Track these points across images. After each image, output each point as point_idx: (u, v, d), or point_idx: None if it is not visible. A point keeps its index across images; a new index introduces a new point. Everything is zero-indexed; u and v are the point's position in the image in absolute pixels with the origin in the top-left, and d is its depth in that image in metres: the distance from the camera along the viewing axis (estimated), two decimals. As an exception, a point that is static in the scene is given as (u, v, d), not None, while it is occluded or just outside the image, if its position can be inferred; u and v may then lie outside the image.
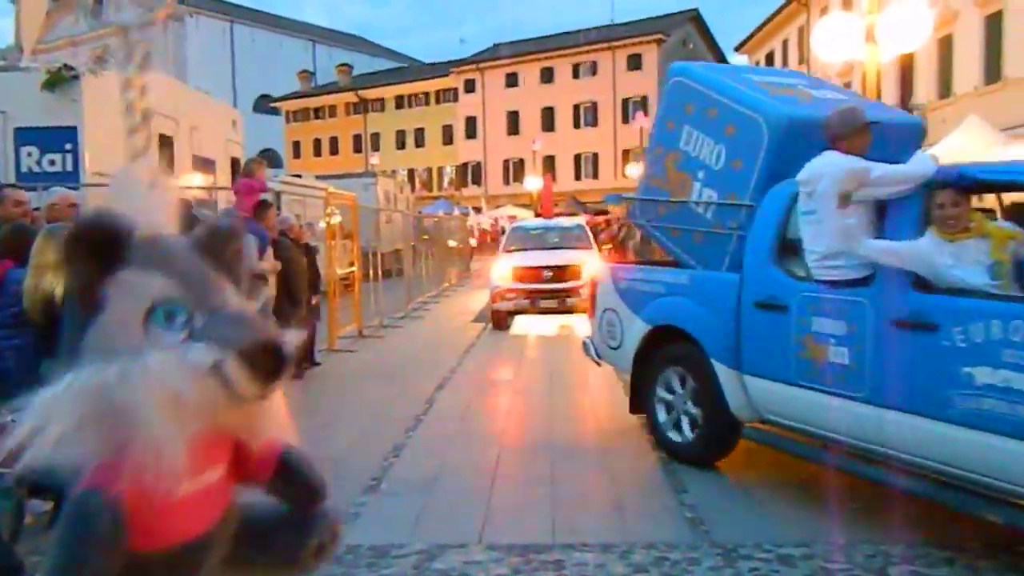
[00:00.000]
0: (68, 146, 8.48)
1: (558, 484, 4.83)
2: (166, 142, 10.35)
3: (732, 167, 5.02)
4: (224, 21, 56.04)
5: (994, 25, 20.38)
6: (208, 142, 11.67)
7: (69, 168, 8.51)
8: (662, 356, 5.33)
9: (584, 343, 6.39)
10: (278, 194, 12.14)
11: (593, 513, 4.37)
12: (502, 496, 4.67)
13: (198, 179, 11.34)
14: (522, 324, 12.17)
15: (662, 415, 5.35)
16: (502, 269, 12.10)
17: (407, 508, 4.47)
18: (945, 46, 22.34)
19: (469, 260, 26.92)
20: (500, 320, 11.97)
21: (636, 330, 5.51)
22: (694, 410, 5.09)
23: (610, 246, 26.37)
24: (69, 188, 6.37)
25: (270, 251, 7.62)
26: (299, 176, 19.97)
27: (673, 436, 5.24)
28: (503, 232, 21.39)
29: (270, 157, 42.08)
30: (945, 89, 22.99)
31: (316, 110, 57.66)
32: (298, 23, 64.85)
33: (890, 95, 23.15)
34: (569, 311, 11.49)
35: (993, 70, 20.42)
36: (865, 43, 9.99)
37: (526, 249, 12.87)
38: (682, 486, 4.74)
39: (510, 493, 4.72)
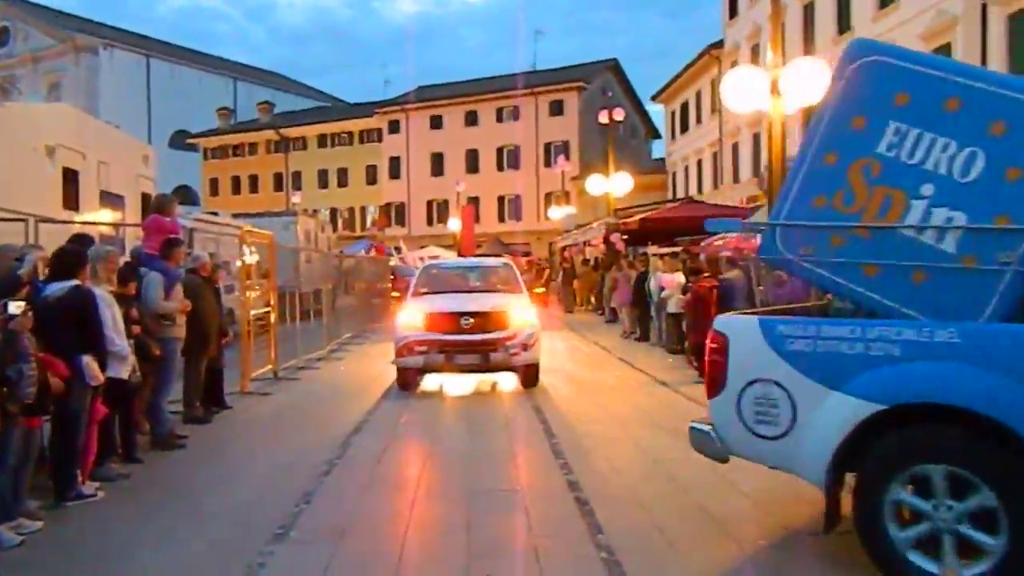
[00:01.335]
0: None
1: (474, 531, 4.75)
2: (71, 176, 9.95)
3: (1004, 177, 3.77)
4: (140, 56, 54.69)
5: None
6: (117, 177, 11.26)
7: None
8: (906, 448, 3.69)
9: (698, 432, 4.47)
10: (191, 231, 11.80)
11: (508, 560, 4.30)
12: (416, 544, 4.56)
13: (106, 215, 10.90)
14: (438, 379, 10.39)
15: (902, 531, 3.67)
16: (410, 316, 9.89)
17: (317, 558, 4.30)
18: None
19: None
20: (406, 379, 9.83)
21: (838, 412, 3.79)
22: (985, 538, 3.45)
23: (543, 289, 26.09)
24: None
25: (179, 289, 7.37)
26: (215, 214, 19.47)
27: (926, 564, 3.58)
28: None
29: (184, 194, 40.97)
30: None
31: (235, 147, 56.59)
32: (219, 59, 63.88)
33: (796, 144, 24.30)
34: (493, 368, 9.73)
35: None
36: (770, 95, 10.53)
37: (441, 292, 10.81)
38: (598, 527, 4.73)
39: (424, 541, 4.62)
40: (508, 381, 10.27)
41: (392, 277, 25.31)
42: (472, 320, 9.53)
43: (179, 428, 7.48)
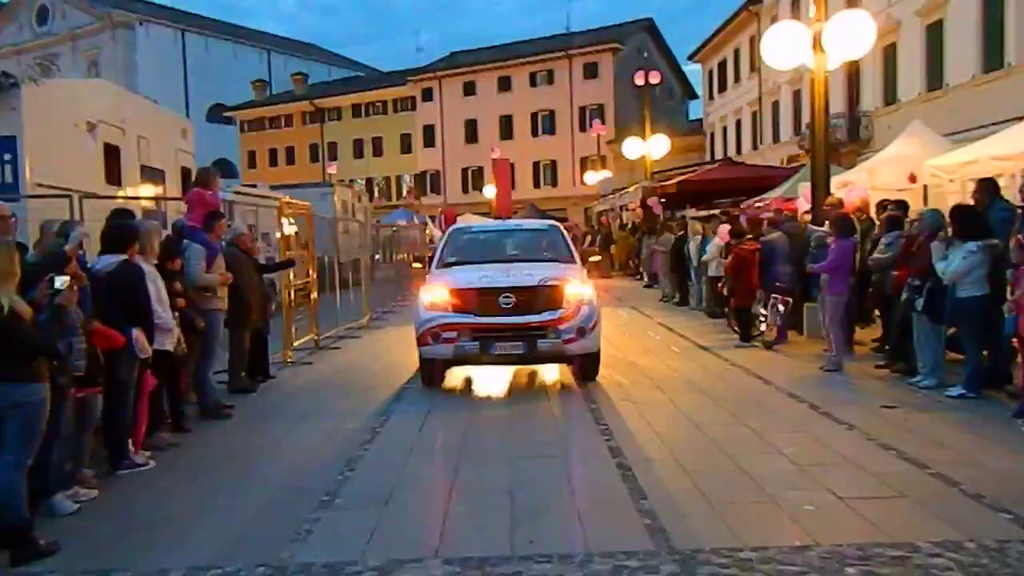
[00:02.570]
0: (7, 156, 8.18)
1: (517, 494, 4.78)
2: (113, 151, 10.08)
3: None
4: (175, 29, 55.03)
5: (935, 35, 21.00)
6: (157, 152, 11.38)
7: (9, 180, 8.20)
8: None
9: None
10: (231, 204, 11.90)
11: (552, 523, 4.32)
12: (460, 508, 4.60)
13: (147, 189, 11.05)
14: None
15: None
16: (435, 293, 7.93)
17: (362, 523, 4.37)
18: (889, 55, 22.95)
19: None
20: (431, 372, 8.11)
21: None
22: None
23: (598, 257, 24.24)
24: (10, 200, 6.16)
25: (221, 262, 7.46)
26: (253, 186, 19.63)
27: None
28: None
29: (223, 167, 41.41)
30: (890, 96, 23.61)
31: (271, 119, 56.91)
32: (252, 32, 63.97)
33: (838, 102, 23.69)
34: (541, 359, 8.01)
35: (935, 78, 21.03)
36: (813, 51, 10.21)
37: (474, 262, 8.73)
38: (641, 492, 4.71)
39: (468, 505, 4.65)
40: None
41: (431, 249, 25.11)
42: (514, 298, 7.62)
43: (225, 398, 7.63)
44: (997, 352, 7.01)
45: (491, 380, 8.55)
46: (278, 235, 11.43)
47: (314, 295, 11.72)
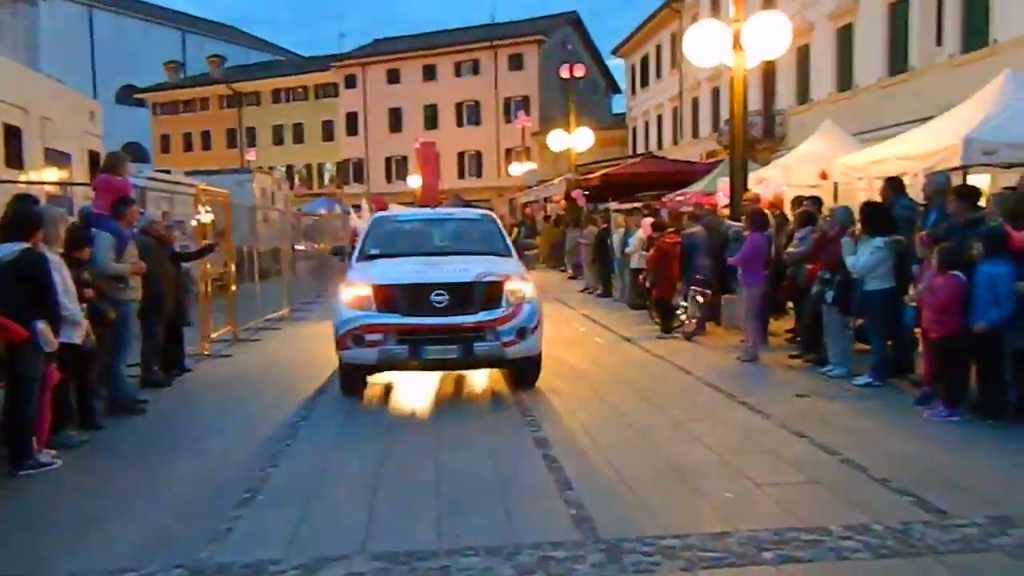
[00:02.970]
0: None
1: (443, 487, 4.76)
2: (13, 133, 9.52)
3: None
4: (83, 6, 52.30)
5: (846, 38, 21.90)
6: (62, 134, 10.81)
7: None
8: None
9: None
10: (143, 190, 11.42)
11: (478, 515, 4.32)
12: (386, 502, 4.55)
13: (51, 174, 10.49)
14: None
15: None
16: (356, 289, 7.15)
17: (285, 521, 4.27)
18: (803, 56, 23.81)
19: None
20: (352, 380, 7.33)
21: None
22: None
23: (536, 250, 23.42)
24: None
25: (133, 250, 7.16)
26: (167, 172, 18.90)
27: None
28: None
29: (134, 151, 39.75)
30: (803, 96, 24.51)
31: (186, 102, 54.85)
32: (165, 10, 61.35)
33: (754, 100, 24.48)
34: (477, 364, 7.33)
35: (845, 79, 21.95)
36: (732, 50, 10.49)
37: (399, 254, 7.98)
38: (567, 483, 4.77)
39: (394, 499, 4.61)
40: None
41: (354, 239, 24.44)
42: (447, 296, 6.89)
43: (138, 392, 7.33)
44: (900, 343, 7.40)
45: (416, 374, 8.47)
46: (193, 223, 11.04)
47: (233, 286, 11.39)
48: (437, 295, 6.90)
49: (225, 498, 4.62)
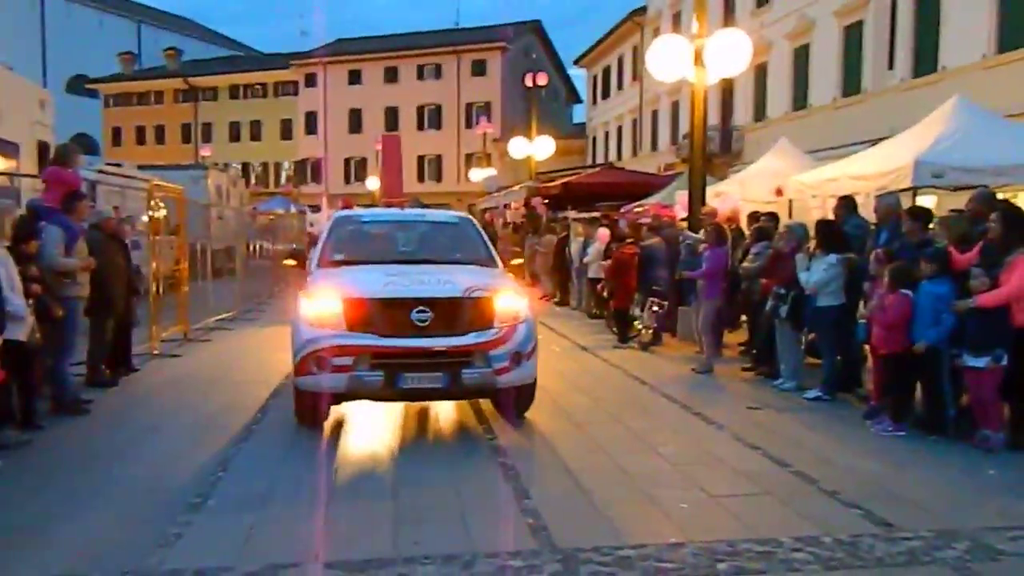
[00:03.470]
0: None
1: (400, 495, 4.72)
2: (-43, 120, 9.19)
3: None
4: (33, -9, 50.84)
5: (802, 57, 22.43)
6: (10, 123, 10.45)
7: None
8: None
9: None
10: (94, 184, 11.12)
11: (436, 524, 4.29)
12: (342, 509, 4.49)
13: (-3, 164, 10.14)
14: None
15: None
16: (321, 303, 6.00)
17: (236, 527, 4.18)
18: (760, 74, 24.31)
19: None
20: (312, 410, 6.11)
21: None
22: None
23: (520, 259, 22.46)
24: None
25: (83, 245, 6.96)
26: (119, 164, 18.41)
27: None
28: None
29: (84, 143, 38.70)
30: (760, 113, 25.03)
31: (140, 95, 53.61)
32: (121, 0, 59.98)
33: (713, 115, 24.89)
34: (465, 395, 6.42)
35: (800, 98, 22.48)
36: (694, 65, 10.66)
37: (368, 262, 6.85)
38: (524, 492, 4.77)
39: (350, 506, 4.55)
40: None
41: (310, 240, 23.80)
42: (432, 313, 5.84)
43: (83, 392, 7.11)
44: (849, 358, 7.58)
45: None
46: (145, 219, 10.78)
47: (184, 283, 11.14)
48: (419, 312, 5.82)
49: (174, 503, 4.51)
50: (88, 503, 4.57)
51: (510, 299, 6.25)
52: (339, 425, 6.49)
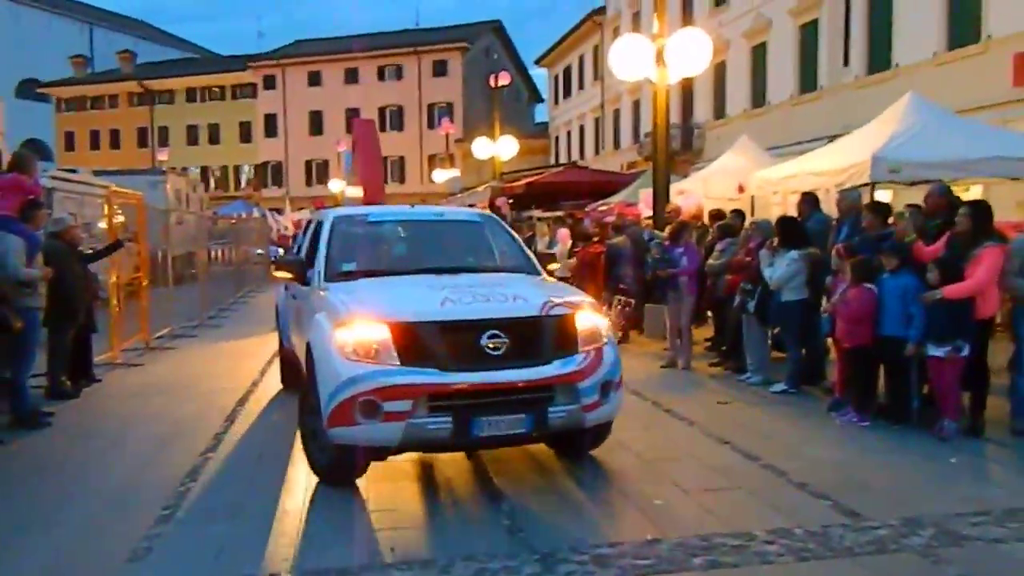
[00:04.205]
0: None
1: (374, 501, 4.68)
2: (-98, 127, 8.89)
3: None
4: (-22, -7, 49.50)
5: (759, 55, 22.78)
6: (-41, 129, 10.16)
7: None
8: None
9: None
10: (50, 191, 10.83)
11: (412, 529, 4.27)
12: (315, 518, 4.44)
13: (-54, 171, 9.82)
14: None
15: None
16: (363, 330, 4.64)
17: (208, 538, 4.11)
18: (719, 72, 24.62)
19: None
20: (342, 466, 4.85)
21: None
22: None
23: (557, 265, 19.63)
24: None
25: (40, 256, 6.78)
26: (74, 171, 17.99)
27: None
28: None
29: (36, 149, 37.72)
30: (720, 110, 25.35)
31: (94, 99, 52.49)
32: (71, 2, 58.62)
33: (674, 113, 25.14)
34: (549, 438, 5.17)
35: (759, 96, 22.81)
36: (656, 65, 10.76)
37: (392, 272, 5.65)
38: (499, 494, 4.77)
39: (325, 516, 4.49)
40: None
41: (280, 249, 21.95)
42: (506, 338, 4.64)
43: (44, 405, 6.94)
44: (813, 351, 7.72)
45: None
46: (102, 225, 10.54)
47: (145, 291, 10.92)
48: (491, 337, 4.61)
49: (142, 515, 4.41)
50: (53, 517, 4.46)
51: (592, 316, 5.12)
52: (309, 431, 6.40)
